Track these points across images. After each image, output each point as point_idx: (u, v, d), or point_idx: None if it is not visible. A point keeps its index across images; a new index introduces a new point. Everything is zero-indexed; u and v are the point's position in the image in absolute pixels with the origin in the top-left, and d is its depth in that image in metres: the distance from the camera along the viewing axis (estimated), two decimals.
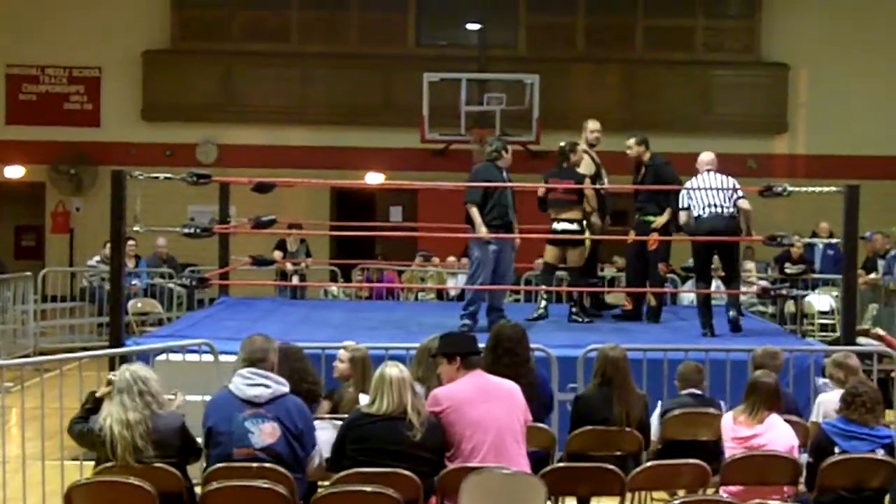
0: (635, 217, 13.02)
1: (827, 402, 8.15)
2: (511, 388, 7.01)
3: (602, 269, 15.88)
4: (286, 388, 6.67)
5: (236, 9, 23.29)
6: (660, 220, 12.60)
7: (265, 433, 6.48)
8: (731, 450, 7.39)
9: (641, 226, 12.76)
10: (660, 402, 8.44)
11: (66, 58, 22.86)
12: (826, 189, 11.78)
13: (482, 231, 11.56)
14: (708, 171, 12.19)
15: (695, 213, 11.90)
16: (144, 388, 6.51)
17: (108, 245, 12.42)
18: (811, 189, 12.37)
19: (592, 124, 13.39)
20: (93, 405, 6.72)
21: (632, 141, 12.88)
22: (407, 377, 6.70)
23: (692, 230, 11.98)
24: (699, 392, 8.40)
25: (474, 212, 11.65)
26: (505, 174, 11.94)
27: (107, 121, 23.00)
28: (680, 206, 12.08)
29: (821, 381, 9.10)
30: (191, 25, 23.23)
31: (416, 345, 7.89)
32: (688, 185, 12.15)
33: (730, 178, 12.10)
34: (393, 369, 6.70)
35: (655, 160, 12.84)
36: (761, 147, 22.76)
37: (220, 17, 23.34)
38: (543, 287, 13.03)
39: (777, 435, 7.34)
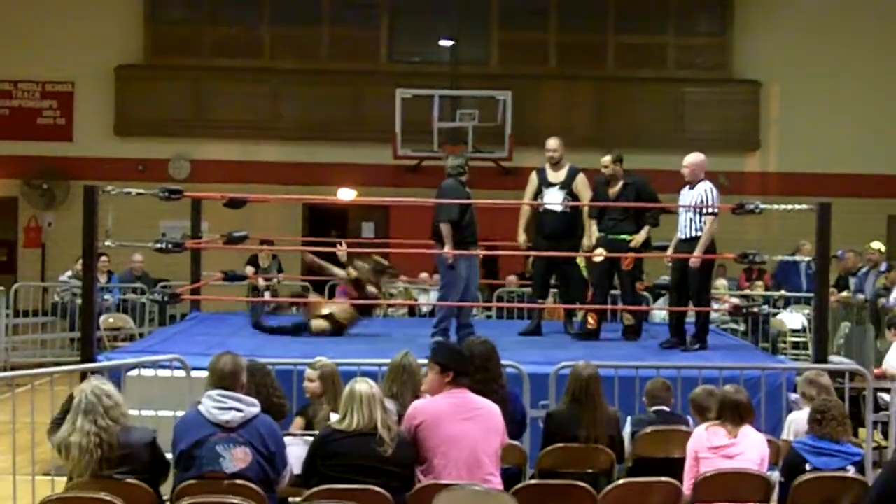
0: (595, 233, 12.72)
1: (798, 421, 8.20)
2: (491, 408, 7.01)
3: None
4: (257, 409, 6.64)
5: (209, 25, 23.29)
6: (638, 239, 12.45)
7: (237, 458, 6.45)
8: (705, 461, 7.36)
9: (614, 244, 12.50)
10: (628, 420, 8.46)
11: (39, 72, 22.80)
12: (798, 206, 11.77)
13: (449, 249, 11.64)
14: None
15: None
16: (110, 402, 6.46)
17: (80, 260, 12.39)
18: (783, 206, 12.39)
19: (549, 143, 13.22)
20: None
21: (608, 158, 12.62)
22: (377, 393, 6.70)
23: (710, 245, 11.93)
24: (667, 409, 8.42)
25: (448, 229, 11.69)
26: (469, 191, 12.00)
27: (79, 135, 22.94)
28: (709, 208, 11.88)
29: (793, 396, 9.14)
30: (164, 41, 23.20)
31: (388, 361, 7.87)
32: (714, 190, 12.01)
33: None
34: (363, 385, 6.70)
35: (636, 179, 12.68)
36: (733, 164, 22.80)
37: (192, 32, 23.34)
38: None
39: (750, 444, 7.36)
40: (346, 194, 21.88)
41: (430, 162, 20.56)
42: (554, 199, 12.83)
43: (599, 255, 12.55)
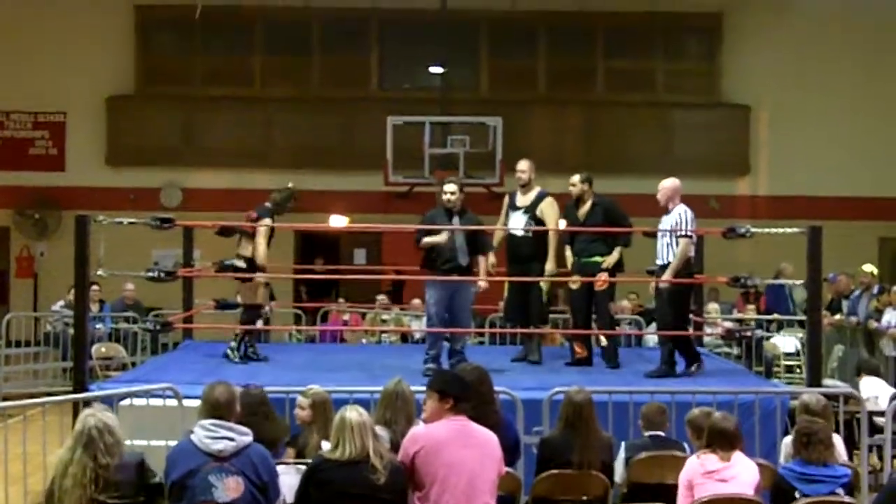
0: (570, 258, 12.63)
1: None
2: (490, 437, 6.98)
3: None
4: (249, 438, 6.61)
5: (200, 54, 23.37)
6: (610, 260, 12.28)
7: (229, 488, 6.41)
8: (700, 486, 7.32)
9: (587, 267, 12.36)
10: (623, 444, 8.45)
11: (31, 103, 22.89)
12: (789, 230, 11.77)
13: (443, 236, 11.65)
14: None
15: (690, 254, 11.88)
16: (111, 440, 6.36)
17: (73, 290, 12.36)
18: (774, 230, 12.39)
19: (518, 165, 13.09)
20: None
21: (576, 178, 12.52)
22: (367, 421, 6.68)
23: (687, 269, 11.92)
24: (662, 434, 8.40)
25: (426, 243, 11.71)
26: (455, 217, 11.88)
27: (71, 165, 23.00)
28: (681, 231, 11.89)
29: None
30: (155, 71, 23.29)
31: (380, 388, 7.86)
32: (688, 214, 12.02)
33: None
34: (353, 413, 6.67)
35: (602, 199, 12.53)
36: (723, 188, 22.89)
37: (183, 62, 23.42)
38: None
39: (744, 469, 7.34)
40: (337, 221, 21.89)
41: (422, 188, 20.59)
42: (516, 223, 12.61)
43: (575, 281, 12.48)
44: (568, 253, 12.67)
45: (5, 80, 22.64)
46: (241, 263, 12.56)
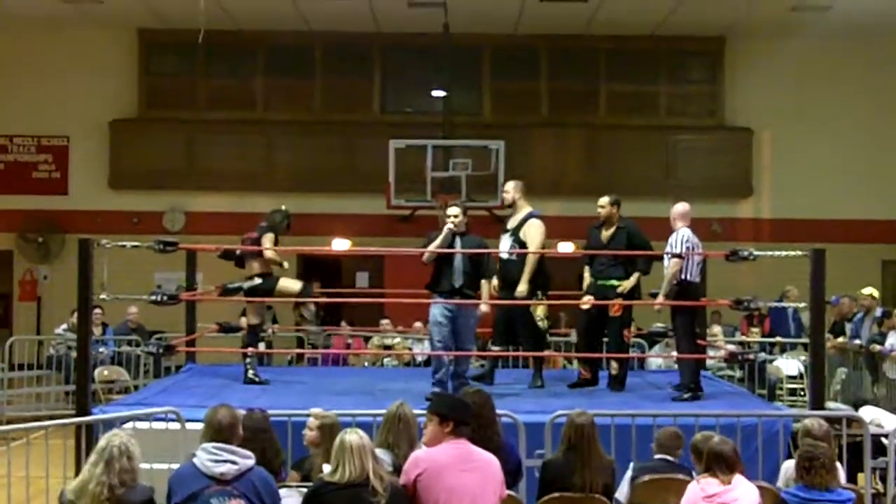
0: (587, 279, 12.54)
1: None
2: (491, 460, 6.98)
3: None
4: (252, 462, 6.61)
5: (202, 78, 23.43)
6: (627, 285, 12.22)
7: None
8: None
9: (602, 290, 12.30)
10: (631, 465, 8.44)
11: (34, 127, 22.96)
12: (792, 253, 11.76)
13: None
14: (686, 226, 12.15)
15: (689, 276, 11.89)
16: (129, 465, 6.33)
17: (75, 313, 12.37)
18: (777, 253, 12.38)
19: (504, 186, 13.16)
20: None
21: (605, 200, 12.44)
22: (367, 443, 6.67)
23: (686, 291, 11.92)
24: (671, 459, 8.37)
25: (429, 256, 11.70)
26: (458, 240, 11.83)
27: (74, 189, 23.04)
28: (673, 251, 11.91)
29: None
30: (157, 94, 23.36)
31: (383, 411, 7.86)
32: (683, 235, 12.04)
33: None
34: (353, 436, 6.66)
35: (628, 223, 12.50)
36: (726, 211, 22.91)
37: (186, 85, 23.48)
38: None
39: (745, 492, 7.30)
40: (340, 244, 21.89)
41: (424, 211, 20.59)
42: (503, 246, 12.57)
43: (587, 302, 12.46)
44: (585, 274, 12.61)
45: (9, 104, 22.73)
46: (257, 281, 12.59)
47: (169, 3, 20.75)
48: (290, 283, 12.99)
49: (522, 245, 12.45)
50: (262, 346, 17.24)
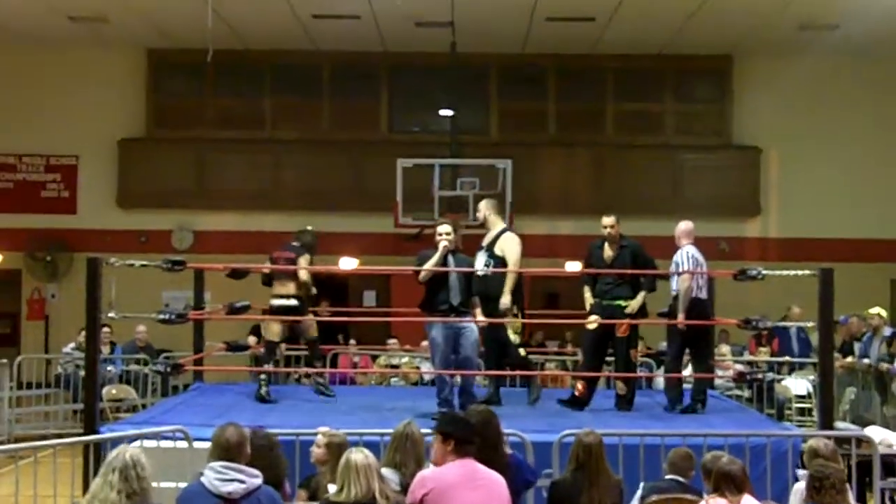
0: (588, 298, 12.53)
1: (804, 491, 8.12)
2: (497, 479, 6.97)
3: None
4: (259, 481, 6.59)
5: (210, 97, 23.47)
6: (634, 304, 12.25)
7: None
8: None
9: (609, 310, 12.28)
10: (641, 485, 8.42)
11: (43, 146, 23.00)
12: (800, 272, 11.76)
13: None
14: (691, 244, 12.19)
15: (697, 293, 11.93)
16: (143, 473, 6.23)
17: (84, 332, 12.38)
18: (785, 272, 12.37)
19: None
20: None
21: (612, 219, 12.42)
22: (373, 462, 6.66)
23: (694, 309, 11.96)
24: (682, 480, 8.33)
25: (425, 275, 11.69)
26: (451, 258, 11.80)
27: (83, 208, 23.08)
28: (682, 268, 11.97)
29: (801, 472, 9.07)
30: (166, 113, 23.40)
31: (390, 430, 7.85)
32: (687, 254, 12.10)
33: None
34: (358, 455, 6.66)
35: (631, 242, 12.50)
36: (734, 230, 22.89)
37: (194, 105, 23.52)
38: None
39: None
40: (347, 263, 21.89)
41: (431, 230, 20.54)
42: (479, 263, 12.55)
43: (593, 321, 12.39)
44: (587, 294, 12.59)
45: (18, 124, 22.78)
46: (292, 302, 12.66)
47: (177, 22, 20.80)
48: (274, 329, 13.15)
49: (498, 260, 12.45)
50: (269, 365, 17.32)
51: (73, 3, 19.79)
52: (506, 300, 12.29)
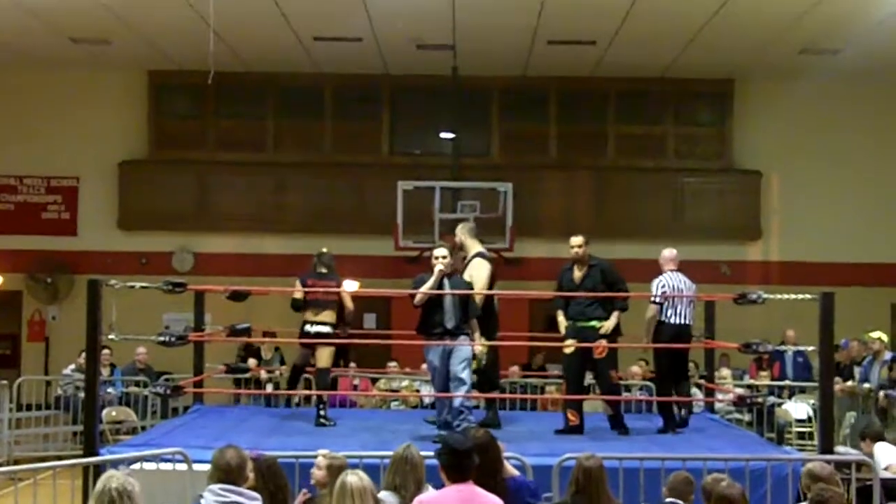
0: (562, 322, 12.48)
1: None
2: (496, 503, 6.97)
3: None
4: (258, 503, 6.60)
5: (212, 119, 23.48)
6: (608, 325, 12.17)
7: None
8: None
9: (583, 332, 12.22)
10: None
11: (44, 168, 23.01)
12: (801, 296, 11.76)
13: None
14: (673, 270, 12.27)
15: (666, 318, 11.99)
16: None
17: (84, 353, 12.38)
18: (786, 296, 12.37)
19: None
20: None
21: (580, 239, 12.46)
22: (368, 485, 6.63)
23: (665, 333, 12.02)
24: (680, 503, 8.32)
25: (420, 298, 11.69)
26: (446, 281, 11.85)
27: (84, 230, 23.07)
28: (652, 300, 12.11)
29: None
30: (167, 135, 23.41)
31: (390, 453, 7.84)
32: (664, 282, 12.21)
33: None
34: (353, 478, 6.64)
35: (601, 262, 12.45)
36: (735, 253, 22.88)
37: (196, 127, 23.53)
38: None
39: None
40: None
41: (431, 254, 20.56)
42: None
43: (569, 346, 12.36)
44: (561, 318, 12.55)
45: (18, 145, 22.80)
46: (327, 329, 12.89)
47: (179, 44, 20.82)
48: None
49: (469, 286, 12.34)
50: (269, 387, 17.34)
51: (75, 24, 19.80)
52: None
